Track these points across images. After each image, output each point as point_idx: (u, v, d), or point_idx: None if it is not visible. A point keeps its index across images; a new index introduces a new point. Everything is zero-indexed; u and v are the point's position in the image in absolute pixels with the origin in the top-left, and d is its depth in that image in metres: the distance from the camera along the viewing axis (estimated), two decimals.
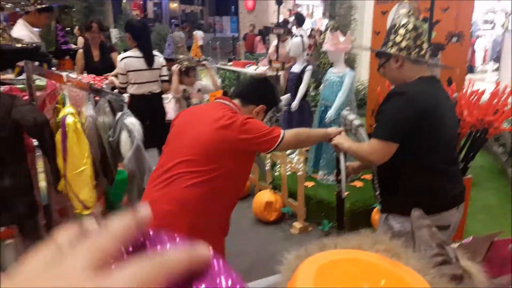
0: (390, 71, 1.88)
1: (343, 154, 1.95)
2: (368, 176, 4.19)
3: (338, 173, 2.02)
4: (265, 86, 2.08)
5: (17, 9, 7.84)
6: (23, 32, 3.69)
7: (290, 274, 0.60)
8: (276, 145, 1.81)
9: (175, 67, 4.18)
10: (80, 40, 6.78)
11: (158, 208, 1.74)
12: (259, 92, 2.03)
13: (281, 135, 1.81)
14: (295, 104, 4.39)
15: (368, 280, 0.51)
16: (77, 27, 7.83)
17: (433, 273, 0.59)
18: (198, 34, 18.27)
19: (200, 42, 18.41)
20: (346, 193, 3.63)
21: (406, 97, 1.75)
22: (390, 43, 1.82)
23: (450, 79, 3.89)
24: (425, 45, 1.81)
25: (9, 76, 2.61)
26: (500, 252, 1.53)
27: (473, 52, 10.43)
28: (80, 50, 4.64)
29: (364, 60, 7.52)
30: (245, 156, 1.86)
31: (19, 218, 2.12)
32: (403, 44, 1.78)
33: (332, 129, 2.03)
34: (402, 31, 1.79)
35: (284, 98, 2.13)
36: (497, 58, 8.54)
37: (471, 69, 9.34)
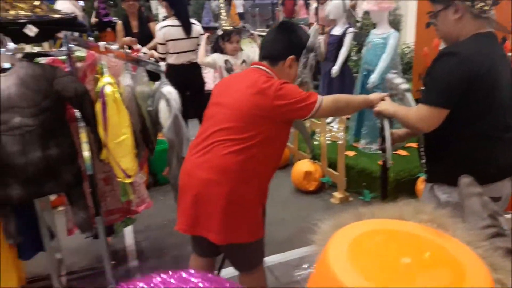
0: (444, 24, 1.66)
1: (388, 121, 1.85)
2: (414, 145, 4.02)
3: (383, 141, 1.92)
4: (282, 35, 1.92)
5: None
6: (65, 5, 3.75)
7: (324, 244, 0.56)
8: (312, 112, 1.74)
9: (205, 36, 3.99)
10: None
11: (197, 176, 1.77)
12: (279, 45, 1.88)
13: (318, 102, 1.74)
14: (336, 69, 4.24)
15: (409, 253, 0.46)
16: None
17: (485, 246, 0.53)
18: (237, 1, 18.00)
19: (240, 10, 18.16)
20: (391, 162, 3.52)
21: (458, 58, 1.57)
22: None
23: (504, 37, 3.59)
24: None
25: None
26: None
27: None
28: (119, 22, 4.66)
29: (410, 20, 7.09)
30: (282, 123, 1.81)
31: (67, 187, 2.20)
32: None
33: (375, 95, 1.92)
34: None
35: (312, 30, 1.92)
36: None
37: None
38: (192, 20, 4.12)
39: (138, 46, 4.03)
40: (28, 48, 2.47)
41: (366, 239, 0.47)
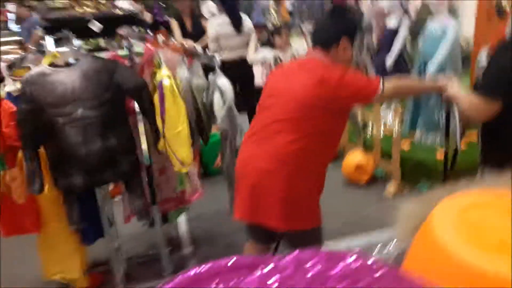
0: None
1: (457, 107, 1.78)
2: (473, 139, 3.82)
3: (447, 131, 1.85)
4: (332, 18, 1.87)
5: None
6: (125, 5, 3.91)
7: (412, 222, 0.54)
8: (374, 98, 1.72)
9: (254, 34, 4.05)
10: None
11: (255, 165, 1.79)
12: (331, 28, 1.82)
13: (380, 87, 1.70)
14: (390, 62, 4.11)
15: None
16: None
17: None
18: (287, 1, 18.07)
19: (290, 8, 18.24)
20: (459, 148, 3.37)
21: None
22: None
23: None
24: None
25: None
26: None
27: None
28: (174, 21, 4.77)
29: (469, 10, 6.73)
30: (342, 111, 1.80)
31: (125, 176, 2.29)
32: None
33: (443, 80, 1.85)
34: None
35: (365, 9, 1.87)
36: None
37: None
38: (243, 16, 4.15)
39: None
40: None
41: (475, 211, 0.44)
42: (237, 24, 3.98)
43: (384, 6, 4.35)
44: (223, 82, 2.43)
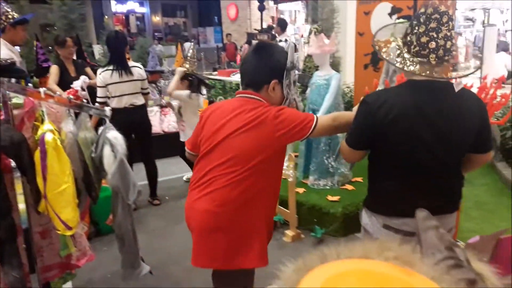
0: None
1: None
2: (360, 179, 4.14)
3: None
4: (260, 60, 1.84)
5: None
6: (3, 51, 3.59)
7: None
8: (309, 132, 1.75)
9: (180, 68, 4.15)
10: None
11: (198, 208, 1.80)
12: (260, 71, 1.82)
13: (314, 121, 1.75)
14: None
15: None
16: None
17: (449, 280, 0.52)
18: (186, 45, 18.74)
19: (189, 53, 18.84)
20: (338, 197, 3.58)
21: (367, 107, 1.66)
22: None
23: None
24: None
25: None
26: (507, 250, 1.48)
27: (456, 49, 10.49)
28: (55, 65, 4.55)
29: (349, 62, 7.50)
30: (279, 149, 1.82)
31: None
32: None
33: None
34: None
35: (288, 47, 1.82)
36: (477, 56, 8.63)
37: (453, 67, 9.36)
38: (135, 63, 4.12)
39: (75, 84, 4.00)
40: None
41: (338, 282, 0.44)
42: (123, 70, 3.92)
43: None
44: (114, 134, 2.31)
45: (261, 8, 4.91)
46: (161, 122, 6.25)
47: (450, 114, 1.60)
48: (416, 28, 1.57)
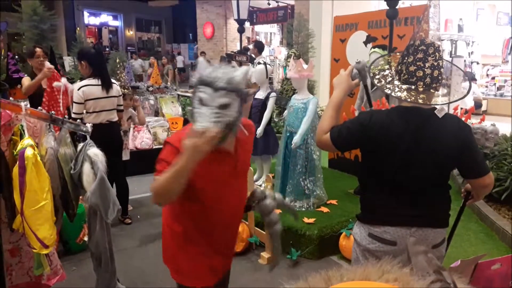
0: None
1: None
2: (334, 201, 4.21)
3: None
4: None
5: None
6: None
7: None
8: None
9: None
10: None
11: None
12: None
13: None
14: (260, 130, 4.39)
15: None
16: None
17: None
18: (179, 58, 19.12)
19: (180, 65, 18.92)
20: (313, 219, 3.62)
21: (358, 120, 1.82)
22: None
23: None
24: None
25: None
26: (485, 273, 1.56)
27: None
28: (27, 77, 4.44)
29: (324, 86, 7.70)
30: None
31: None
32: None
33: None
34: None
35: (199, 62, 1.75)
36: (446, 84, 8.96)
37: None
38: (111, 79, 4.07)
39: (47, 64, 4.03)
40: None
41: None
42: (107, 86, 3.87)
43: (252, 78, 4.70)
44: (95, 151, 2.28)
45: (241, 31, 5.02)
46: (134, 138, 6.17)
47: (433, 137, 1.72)
48: (406, 58, 1.71)
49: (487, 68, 11.23)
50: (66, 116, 2.43)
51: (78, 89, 3.76)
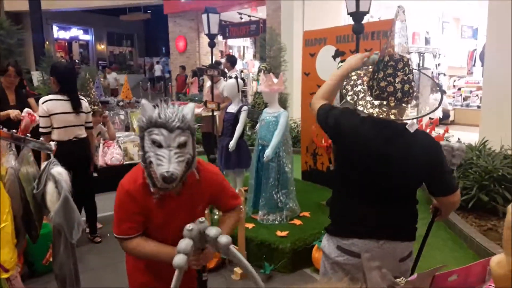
0: None
1: None
2: (307, 213, 4.22)
3: None
4: None
5: None
6: None
7: None
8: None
9: None
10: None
11: None
12: None
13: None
14: (232, 143, 4.38)
15: None
16: None
17: None
18: (157, 67, 19.08)
19: (159, 73, 18.71)
20: (286, 232, 3.62)
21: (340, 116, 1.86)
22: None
23: None
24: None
25: None
26: (442, 285, 1.57)
27: None
28: None
29: (296, 99, 7.79)
30: None
31: None
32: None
33: None
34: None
35: (143, 103, 1.59)
36: (415, 97, 9.20)
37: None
38: (80, 96, 4.00)
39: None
40: None
41: None
42: (75, 102, 3.80)
43: (224, 92, 4.71)
44: (59, 170, 2.21)
45: (212, 45, 5.04)
46: (104, 154, 6.04)
47: (403, 151, 1.74)
48: (376, 74, 1.72)
49: (454, 79, 11.60)
50: (28, 134, 2.35)
51: (43, 103, 3.68)
